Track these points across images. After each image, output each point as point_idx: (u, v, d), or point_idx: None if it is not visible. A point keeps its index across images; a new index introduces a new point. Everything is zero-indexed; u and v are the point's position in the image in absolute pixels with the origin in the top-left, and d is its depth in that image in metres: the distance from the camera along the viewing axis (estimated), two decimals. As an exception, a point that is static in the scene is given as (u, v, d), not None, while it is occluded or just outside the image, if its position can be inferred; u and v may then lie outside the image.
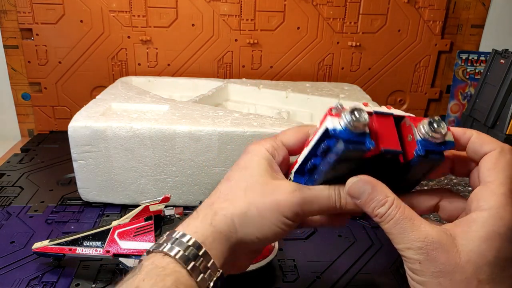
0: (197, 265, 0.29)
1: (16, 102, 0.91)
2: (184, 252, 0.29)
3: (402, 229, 0.29)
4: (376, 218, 0.30)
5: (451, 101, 0.96)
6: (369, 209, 0.30)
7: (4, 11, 0.84)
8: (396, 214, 0.29)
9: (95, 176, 0.61)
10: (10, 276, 0.48)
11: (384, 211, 0.30)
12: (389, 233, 0.30)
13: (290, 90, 0.80)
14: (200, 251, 0.30)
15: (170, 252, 0.29)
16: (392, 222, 0.29)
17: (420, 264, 0.28)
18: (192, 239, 0.30)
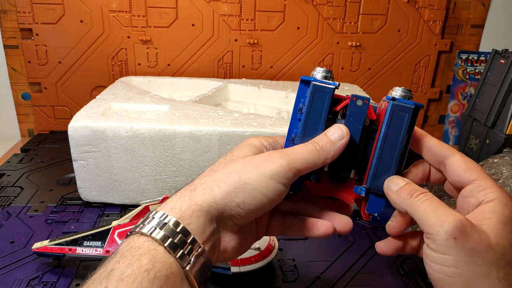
0: (175, 241, 0.28)
1: (16, 102, 0.91)
2: (160, 230, 0.28)
3: (438, 206, 0.30)
4: (411, 199, 0.31)
5: (451, 101, 0.96)
6: (403, 192, 0.32)
7: (4, 11, 0.84)
8: (430, 195, 0.31)
9: (95, 176, 0.61)
10: (10, 276, 0.48)
11: (418, 192, 0.31)
12: (424, 211, 0.30)
13: (290, 90, 0.80)
14: (178, 227, 0.28)
15: (143, 230, 0.28)
16: (429, 200, 0.31)
17: (455, 240, 0.28)
18: (168, 217, 0.29)
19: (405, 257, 0.54)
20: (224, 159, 0.34)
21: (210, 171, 0.33)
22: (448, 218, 0.29)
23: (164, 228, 0.28)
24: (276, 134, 0.59)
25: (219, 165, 0.33)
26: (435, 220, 0.29)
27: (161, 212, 0.29)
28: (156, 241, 0.28)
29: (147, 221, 0.29)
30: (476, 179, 0.31)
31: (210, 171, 0.33)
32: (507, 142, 0.73)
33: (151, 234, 0.28)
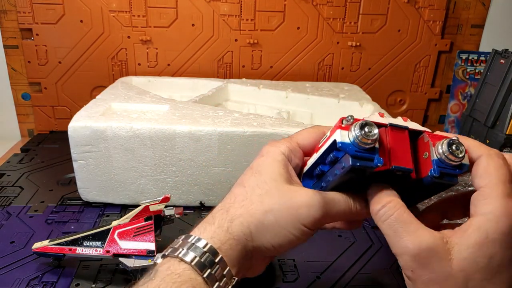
0: (212, 273, 0.29)
1: (16, 102, 0.91)
2: (200, 259, 0.29)
3: (397, 232, 0.28)
4: (374, 216, 0.30)
5: (451, 101, 0.96)
6: (371, 206, 0.30)
7: (4, 11, 0.84)
8: (393, 215, 0.29)
9: (95, 176, 0.61)
10: (10, 276, 0.48)
11: (378, 208, 0.29)
12: (386, 235, 0.29)
13: (290, 90, 0.80)
14: (216, 257, 0.29)
15: (186, 258, 0.29)
16: (388, 223, 0.29)
17: (412, 272, 0.28)
18: (208, 245, 0.30)
19: (405, 257, 0.54)
20: (255, 178, 0.33)
21: (245, 200, 0.32)
22: (404, 249, 0.28)
23: (204, 258, 0.29)
24: (276, 134, 0.59)
25: (252, 192, 0.32)
26: (394, 249, 0.29)
27: (204, 241, 0.30)
28: (197, 271, 0.29)
29: (187, 246, 0.30)
30: (485, 186, 0.28)
31: (245, 200, 0.32)
32: (507, 142, 0.73)
33: (191, 262, 0.29)
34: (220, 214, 0.32)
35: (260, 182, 0.32)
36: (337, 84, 0.87)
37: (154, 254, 0.46)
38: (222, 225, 0.31)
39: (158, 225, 0.49)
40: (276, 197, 0.31)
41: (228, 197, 0.33)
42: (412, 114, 0.99)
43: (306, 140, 0.35)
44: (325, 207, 0.31)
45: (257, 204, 0.31)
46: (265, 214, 0.31)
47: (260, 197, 0.32)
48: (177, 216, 0.51)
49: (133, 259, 0.46)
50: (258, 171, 0.33)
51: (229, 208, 0.32)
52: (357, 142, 0.28)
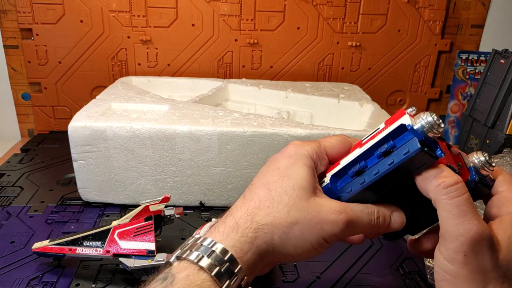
0: (231, 284, 0.28)
1: (16, 102, 0.91)
2: (220, 269, 0.28)
3: (463, 213, 0.28)
4: (440, 190, 0.28)
5: (451, 101, 0.96)
6: (437, 178, 0.29)
7: (4, 11, 0.84)
8: (464, 195, 0.28)
9: (95, 176, 0.61)
10: (10, 276, 0.48)
11: (451, 182, 0.28)
12: (448, 212, 0.28)
13: (290, 90, 0.80)
14: (236, 267, 0.29)
15: (205, 266, 0.28)
16: (458, 200, 0.28)
17: (465, 257, 0.28)
18: (229, 254, 0.29)
19: (405, 257, 0.54)
20: (283, 183, 0.31)
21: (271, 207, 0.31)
22: (466, 231, 0.28)
23: (224, 268, 0.28)
24: (276, 134, 0.59)
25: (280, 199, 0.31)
26: (452, 229, 0.28)
27: (225, 249, 0.29)
28: (216, 282, 0.28)
29: (207, 253, 0.29)
30: (504, 191, 0.31)
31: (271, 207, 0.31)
32: (507, 142, 0.73)
33: (212, 273, 0.28)
34: (244, 221, 0.31)
35: (289, 189, 0.31)
36: (337, 84, 0.87)
37: (154, 254, 0.46)
38: (247, 234, 0.30)
39: (158, 225, 0.49)
40: (304, 210, 0.31)
41: (251, 198, 0.32)
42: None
43: (335, 147, 0.34)
44: (348, 225, 0.31)
45: (284, 214, 0.31)
46: (291, 226, 0.30)
47: (288, 207, 0.31)
48: (177, 216, 0.51)
49: (133, 259, 0.46)
50: (287, 175, 0.32)
51: (254, 215, 0.31)
52: (427, 129, 0.28)
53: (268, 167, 0.33)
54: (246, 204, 0.31)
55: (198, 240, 0.30)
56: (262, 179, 0.32)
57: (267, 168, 0.33)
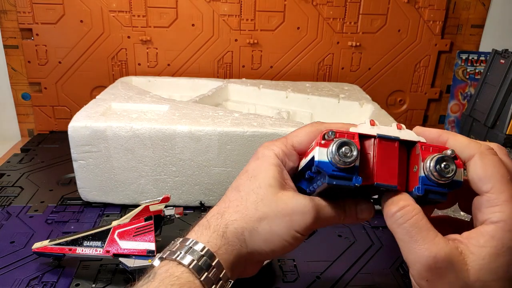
0: (209, 276, 0.29)
1: (16, 102, 0.91)
2: (197, 262, 0.29)
3: (413, 238, 0.27)
4: (389, 219, 0.28)
5: (451, 101, 0.96)
6: (385, 207, 0.29)
7: (4, 11, 0.84)
8: (410, 219, 0.27)
9: (95, 176, 0.61)
10: (10, 276, 0.48)
11: (395, 210, 0.28)
12: (400, 240, 0.28)
13: (290, 90, 0.80)
14: (213, 261, 0.30)
15: (183, 261, 0.30)
16: (404, 227, 0.27)
17: (428, 282, 0.27)
18: (206, 249, 0.30)
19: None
20: (250, 183, 0.33)
21: (240, 205, 0.32)
22: (418, 257, 0.26)
23: (202, 261, 0.30)
24: (276, 134, 0.59)
25: (248, 197, 0.32)
26: (407, 256, 0.27)
27: (201, 245, 0.31)
28: (194, 274, 0.29)
29: (185, 250, 0.30)
30: (490, 191, 0.27)
31: (239, 206, 0.32)
32: (507, 142, 0.73)
33: (190, 266, 0.29)
34: (215, 219, 0.32)
35: (255, 187, 0.33)
36: (337, 84, 0.87)
37: (154, 254, 0.46)
38: (218, 230, 0.32)
39: (158, 225, 0.49)
40: (271, 205, 0.32)
41: (223, 201, 0.34)
42: (412, 114, 0.99)
43: (302, 141, 0.35)
44: (317, 214, 0.32)
45: (252, 210, 0.32)
46: (260, 221, 0.32)
47: (255, 204, 0.32)
48: (177, 216, 0.51)
49: (133, 259, 0.46)
50: (254, 175, 0.33)
51: (223, 213, 0.32)
52: (335, 162, 0.28)
53: (240, 172, 0.35)
54: (218, 206, 0.34)
55: (177, 241, 0.32)
56: (234, 184, 0.34)
57: (240, 173, 0.35)
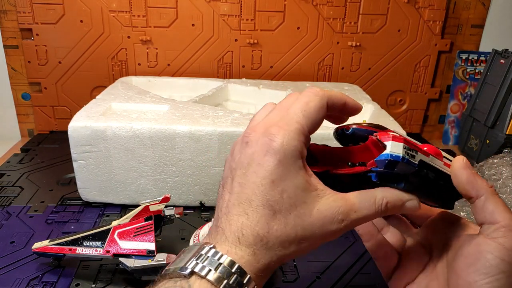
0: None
1: (16, 102, 0.91)
2: (227, 280, 0.27)
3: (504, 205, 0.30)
4: (493, 190, 0.31)
5: (451, 101, 0.96)
6: (485, 182, 0.31)
7: (4, 11, 0.84)
8: None
9: (95, 176, 0.61)
10: (10, 276, 0.48)
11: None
12: (498, 203, 0.30)
13: (290, 90, 0.80)
14: (244, 278, 0.28)
15: (211, 278, 0.27)
16: None
17: None
18: (236, 265, 0.28)
19: (405, 257, 0.54)
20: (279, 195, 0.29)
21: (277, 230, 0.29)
22: None
23: (232, 280, 0.27)
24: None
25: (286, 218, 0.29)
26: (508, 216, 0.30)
27: (229, 259, 0.28)
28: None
29: (212, 265, 0.28)
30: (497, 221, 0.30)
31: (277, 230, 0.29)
32: (507, 142, 0.73)
33: (220, 287, 0.27)
34: (260, 244, 0.29)
35: (291, 208, 0.29)
36: (337, 84, 0.87)
37: (154, 254, 0.46)
38: (257, 253, 0.29)
39: (158, 225, 0.49)
40: (308, 228, 0.29)
41: (255, 218, 0.29)
42: (412, 114, 0.99)
43: (315, 125, 0.31)
44: (353, 225, 0.31)
45: (292, 236, 0.29)
46: (300, 244, 0.29)
47: (295, 229, 0.29)
48: (177, 216, 0.51)
49: (133, 259, 0.46)
50: (285, 190, 0.29)
51: (267, 241, 0.29)
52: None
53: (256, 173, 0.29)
54: (252, 225, 0.29)
55: (209, 253, 0.28)
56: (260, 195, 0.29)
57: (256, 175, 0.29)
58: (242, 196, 0.29)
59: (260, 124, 0.31)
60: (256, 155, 0.30)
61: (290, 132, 0.29)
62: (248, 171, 0.30)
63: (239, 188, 0.30)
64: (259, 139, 0.30)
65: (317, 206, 0.30)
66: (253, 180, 0.29)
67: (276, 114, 0.31)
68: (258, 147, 0.30)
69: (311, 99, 0.31)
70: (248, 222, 0.29)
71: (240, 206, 0.29)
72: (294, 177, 0.29)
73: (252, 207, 0.29)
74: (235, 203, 0.30)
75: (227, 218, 0.30)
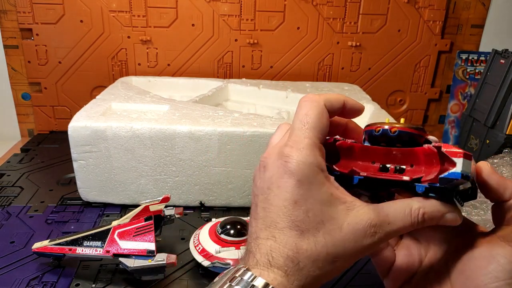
0: None
1: (16, 102, 0.91)
2: None
3: None
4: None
5: (451, 101, 0.96)
6: None
7: (4, 11, 0.84)
8: None
9: (95, 176, 0.61)
10: (10, 276, 0.48)
11: None
12: None
13: (290, 90, 0.80)
14: None
15: None
16: None
17: None
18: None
19: (405, 257, 0.54)
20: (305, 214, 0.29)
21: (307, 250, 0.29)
22: None
23: None
24: (276, 134, 0.59)
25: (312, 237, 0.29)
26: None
27: (263, 281, 0.28)
28: None
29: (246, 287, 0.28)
30: None
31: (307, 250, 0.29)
32: (507, 142, 0.73)
33: None
34: (291, 263, 0.28)
35: (320, 226, 0.29)
36: (337, 84, 0.87)
37: (154, 254, 0.46)
38: (288, 273, 0.28)
39: (158, 225, 0.49)
40: (340, 246, 0.29)
41: (283, 241, 0.29)
42: (412, 114, 0.99)
43: (325, 133, 0.31)
44: (386, 239, 0.30)
45: (323, 255, 0.29)
46: (333, 264, 0.29)
47: (326, 248, 0.29)
48: (177, 216, 0.51)
49: (133, 259, 0.46)
50: (311, 209, 0.29)
51: (298, 261, 0.28)
52: None
53: (278, 196, 0.29)
54: (281, 246, 0.29)
55: (249, 278, 0.28)
56: (284, 217, 0.29)
57: (278, 198, 0.29)
58: (267, 220, 0.29)
59: (274, 148, 0.31)
60: (274, 178, 0.30)
61: (302, 149, 0.29)
62: (270, 195, 0.30)
63: (263, 213, 0.30)
64: (274, 162, 0.30)
65: (347, 220, 0.29)
66: (276, 204, 0.29)
67: (286, 135, 0.32)
68: (275, 171, 0.30)
69: (308, 108, 0.31)
70: (276, 244, 0.29)
71: (267, 230, 0.29)
72: (317, 193, 0.29)
73: (278, 229, 0.29)
74: (262, 228, 0.30)
75: (256, 243, 0.30)
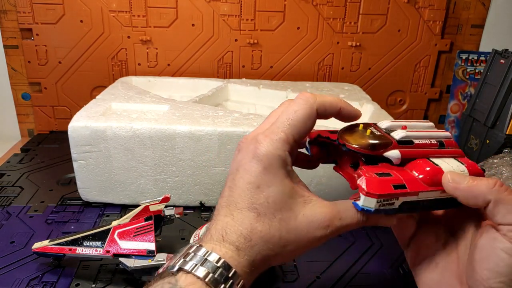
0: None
1: (16, 102, 0.91)
2: (213, 275, 0.28)
3: None
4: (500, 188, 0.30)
5: (451, 101, 0.96)
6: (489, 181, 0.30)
7: (4, 11, 0.84)
8: None
9: (95, 176, 0.61)
10: (10, 276, 0.48)
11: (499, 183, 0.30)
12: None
13: (290, 90, 0.80)
14: (230, 272, 0.29)
15: (200, 275, 0.28)
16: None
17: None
18: (222, 261, 0.29)
19: (405, 257, 0.54)
20: (264, 199, 0.30)
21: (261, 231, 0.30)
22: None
23: (218, 273, 0.28)
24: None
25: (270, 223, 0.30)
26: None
27: (214, 255, 0.29)
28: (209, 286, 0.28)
29: (198, 261, 0.29)
30: None
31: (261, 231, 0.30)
32: (507, 142, 0.73)
33: (206, 280, 0.28)
34: (243, 241, 0.30)
35: (277, 212, 0.30)
36: (337, 84, 0.87)
37: (154, 254, 0.46)
38: (240, 250, 0.30)
39: (158, 225, 0.49)
40: (293, 232, 0.31)
41: (240, 219, 0.30)
42: (412, 114, 0.99)
43: (301, 133, 0.32)
44: (337, 232, 0.32)
45: (276, 239, 0.30)
46: (284, 248, 0.31)
47: (279, 232, 0.30)
48: (177, 216, 0.51)
49: (133, 259, 0.46)
50: (271, 196, 0.30)
51: (250, 239, 0.30)
52: None
53: (243, 178, 0.31)
54: (237, 224, 0.30)
55: (201, 253, 0.29)
56: (246, 198, 0.31)
57: (243, 180, 0.31)
58: (230, 200, 0.31)
59: (252, 133, 0.33)
60: (244, 161, 0.31)
61: (275, 141, 0.31)
62: (236, 176, 0.32)
63: (228, 192, 0.32)
64: (248, 146, 0.32)
65: (303, 211, 0.31)
66: (240, 185, 0.31)
67: (266, 123, 0.33)
68: (245, 154, 0.32)
69: (300, 107, 0.32)
70: (232, 222, 0.30)
71: (227, 208, 0.31)
72: (279, 184, 0.31)
73: (238, 209, 0.31)
74: (223, 206, 0.32)
75: (215, 219, 0.32)
